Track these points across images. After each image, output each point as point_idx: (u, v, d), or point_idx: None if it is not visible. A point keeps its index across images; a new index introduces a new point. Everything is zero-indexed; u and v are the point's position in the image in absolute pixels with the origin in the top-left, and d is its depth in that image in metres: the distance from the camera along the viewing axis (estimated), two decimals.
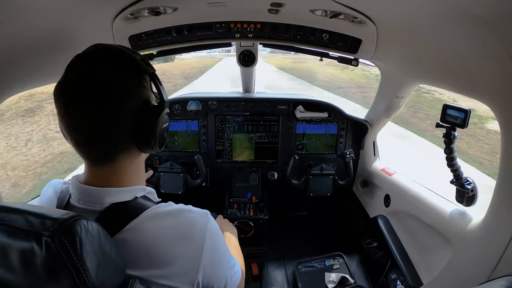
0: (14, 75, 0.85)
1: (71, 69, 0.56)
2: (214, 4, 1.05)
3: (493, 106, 0.77)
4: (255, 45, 1.60)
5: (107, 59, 0.57)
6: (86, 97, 0.53)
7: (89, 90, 0.54)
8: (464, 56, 0.81)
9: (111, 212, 0.56)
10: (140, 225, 0.55)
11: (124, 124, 0.57)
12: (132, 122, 0.58)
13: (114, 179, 0.59)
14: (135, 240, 0.54)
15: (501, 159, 0.78)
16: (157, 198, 0.67)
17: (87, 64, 0.56)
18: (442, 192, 1.24)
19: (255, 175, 1.85)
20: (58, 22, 0.86)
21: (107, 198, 0.57)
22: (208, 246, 0.59)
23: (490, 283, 0.47)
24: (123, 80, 0.57)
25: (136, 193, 0.61)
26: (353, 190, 1.93)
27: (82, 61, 0.57)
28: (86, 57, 0.57)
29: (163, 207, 0.60)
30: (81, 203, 0.58)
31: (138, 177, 0.65)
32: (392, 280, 1.37)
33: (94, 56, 0.57)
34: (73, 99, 0.54)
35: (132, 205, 0.58)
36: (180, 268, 0.55)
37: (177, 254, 0.55)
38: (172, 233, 0.56)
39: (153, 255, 0.54)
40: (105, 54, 0.58)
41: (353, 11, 0.99)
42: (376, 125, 1.71)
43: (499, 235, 0.79)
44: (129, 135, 0.58)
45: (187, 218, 0.60)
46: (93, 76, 0.54)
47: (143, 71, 0.60)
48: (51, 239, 0.40)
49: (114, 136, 0.57)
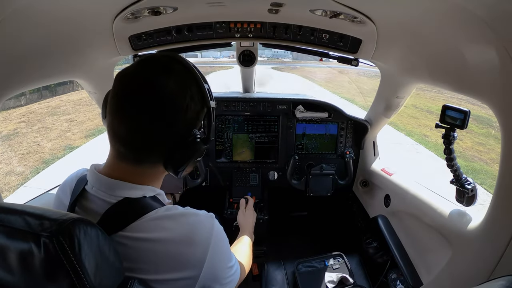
0: (14, 75, 0.85)
1: (141, 66, 0.59)
2: (214, 4, 1.05)
3: (493, 106, 0.77)
4: (255, 45, 1.60)
5: (179, 73, 0.60)
6: (146, 100, 0.55)
7: (152, 95, 0.56)
8: (464, 56, 0.81)
9: (121, 206, 0.57)
10: (145, 225, 0.55)
11: (166, 140, 0.59)
12: (172, 141, 0.59)
13: (131, 177, 0.60)
14: (139, 238, 0.53)
15: (501, 159, 0.78)
16: (166, 200, 0.67)
17: (159, 69, 0.58)
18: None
19: (255, 175, 1.85)
20: (58, 22, 0.86)
21: (118, 191, 0.58)
22: (212, 252, 0.59)
23: (490, 283, 0.47)
24: (185, 101, 0.58)
25: (145, 192, 0.61)
26: (353, 190, 1.93)
27: (154, 65, 0.59)
28: (158, 62, 0.60)
29: (170, 209, 0.60)
30: (94, 190, 0.60)
31: (153, 182, 0.66)
32: (392, 280, 1.37)
33: (167, 65, 0.59)
34: (131, 97, 0.56)
35: (141, 203, 0.59)
36: (182, 274, 0.55)
37: (179, 260, 0.55)
38: (176, 237, 0.56)
39: (155, 258, 0.54)
40: (179, 68, 0.60)
41: (353, 11, 0.99)
42: (376, 125, 1.71)
43: (499, 235, 0.79)
44: (163, 152, 0.60)
45: (193, 222, 0.59)
46: (160, 84, 0.56)
47: (205, 102, 0.63)
48: (50, 240, 0.40)
49: (152, 146, 0.59)
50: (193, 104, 0.60)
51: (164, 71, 0.58)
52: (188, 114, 0.59)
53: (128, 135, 0.57)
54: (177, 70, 0.60)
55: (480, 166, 6.01)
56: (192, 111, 0.60)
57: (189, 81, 0.60)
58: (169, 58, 0.61)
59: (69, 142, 7.08)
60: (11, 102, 9.15)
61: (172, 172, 0.63)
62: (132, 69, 0.59)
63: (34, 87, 1.01)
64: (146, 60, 0.60)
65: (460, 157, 6.07)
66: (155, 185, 0.66)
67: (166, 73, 0.58)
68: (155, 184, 0.66)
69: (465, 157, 6.45)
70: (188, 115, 0.60)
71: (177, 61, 0.61)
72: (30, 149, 6.57)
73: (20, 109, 9.21)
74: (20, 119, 8.46)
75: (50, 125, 8.14)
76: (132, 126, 0.56)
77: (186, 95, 0.59)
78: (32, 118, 8.63)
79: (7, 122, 8.12)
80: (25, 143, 6.88)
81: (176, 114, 0.58)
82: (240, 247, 1.05)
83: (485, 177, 5.42)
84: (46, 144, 6.90)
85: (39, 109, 9.50)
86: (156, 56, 0.63)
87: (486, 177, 5.41)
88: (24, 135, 7.36)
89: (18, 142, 6.89)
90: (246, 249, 1.05)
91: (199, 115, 0.63)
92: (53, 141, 7.05)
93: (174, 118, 0.58)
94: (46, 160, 6.07)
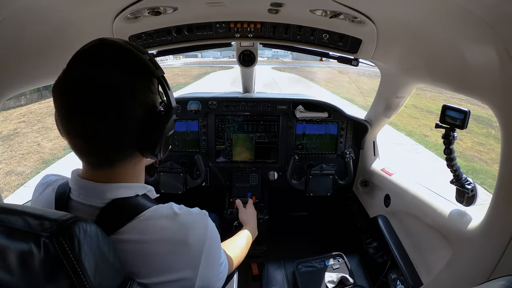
0: (14, 75, 0.85)
1: (72, 66, 0.52)
2: (214, 4, 1.05)
3: (493, 106, 0.77)
4: (255, 45, 1.60)
5: (113, 58, 0.53)
6: (86, 101, 0.49)
7: (91, 93, 0.49)
8: (464, 56, 0.81)
9: (112, 208, 0.55)
10: (140, 225, 0.54)
11: (127, 131, 0.54)
12: (136, 129, 0.55)
13: (113, 179, 0.58)
14: (134, 240, 0.53)
15: (501, 159, 0.78)
16: (155, 195, 0.66)
17: (90, 63, 0.51)
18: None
19: (255, 175, 1.85)
20: (58, 22, 0.86)
21: (107, 194, 0.56)
22: (206, 252, 0.59)
23: (490, 283, 0.47)
24: (129, 85, 0.52)
25: (137, 190, 0.60)
26: (353, 190, 1.93)
27: (85, 58, 0.52)
28: (89, 55, 0.52)
29: (164, 208, 0.59)
30: (81, 197, 0.57)
31: (138, 178, 0.64)
32: (392, 280, 1.37)
33: (98, 54, 0.53)
34: (72, 101, 0.50)
35: (133, 203, 0.57)
36: (179, 275, 0.55)
37: (175, 261, 0.55)
38: (171, 237, 0.55)
39: (151, 259, 0.53)
40: (110, 52, 0.53)
41: (353, 11, 0.99)
42: (376, 125, 1.71)
43: (499, 235, 0.79)
44: (133, 142, 0.56)
45: (187, 221, 0.59)
46: (95, 77, 0.50)
47: (151, 74, 0.56)
48: (50, 240, 0.40)
49: (116, 143, 0.54)
50: (139, 81, 0.54)
51: (95, 61, 0.52)
52: (138, 95, 0.54)
53: (87, 145, 0.53)
54: (109, 54, 0.53)
55: (480, 166, 6.00)
56: (142, 89, 0.55)
57: (125, 61, 0.53)
58: (95, 45, 0.54)
59: None
60: (11, 102, 9.16)
61: (151, 155, 0.59)
62: (62, 75, 0.51)
63: (34, 87, 1.01)
64: (76, 57, 0.53)
65: (460, 157, 6.07)
66: (141, 179, 0.64)
67: (95, 63, 0.51)
68: (141, 178, 0.64)
69: (465, 157, 6.45)
70: (139, 96, 0.54)
71: (105, 44, 0.54)
72: (30, 149, 6.57)
73: (20, 109, 9.21)
74: (20, 119, 8.46)
75: (50, 125, 8.12)
76: (87, 134, 0.51)
77: (127, 76, 0.52)
78: (32, 118, 8.63)
79: (7, 122, 8.13)
80: (25, 143, 6.89)
81: (125, 100, 0.51)
82: (235, 240, 1.05)
83: (485, 177, 5.42)
84: (46, 144, 6.90)
85: (39, 109, 9.49)
86: (81, 50, 0.54)
87: (486, 177, 5.41)
88: (24, 135, 7.36)
89: (18, 142, 6.89)
90: (241, 243, 1.05)
91: (152, 89, 0.57)
92: (53, 141, 7.04)
93: (125, 106, 0.52)
94: (46, 160, 6.07)
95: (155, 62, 0.58)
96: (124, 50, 0.54)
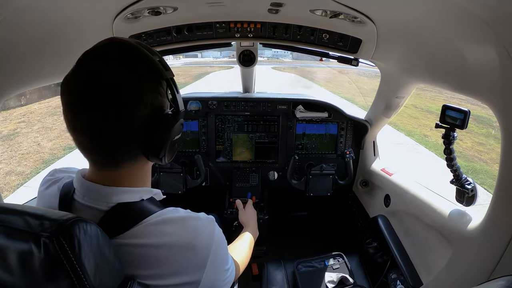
0: (14, 75, 0.85)
1: (81, 65, 0.52)
2: (214, 4, 1.05)
3: (493, 106, 0.77)
4: (255, 45, 1.60)
5: (122, 58, 0.52)
6: (93, 100, 0.49)
7: (97, 92, 0.49)
8: (464, 56, 0.81)
9: (116, 212, 0.55)
10: (146, 230, 0.54)
11: (132, 132, 0.53)
12: (141, 130, 0.54)
13: (119, 181, 0.57)
14: (140, 244, 0.53)
15: (501, 159, 0.78)
16: (161, 197, 0.66)
17: (99, 62, 0.51)
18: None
19: (255, 175, 1.85)
20: (58, 22, 0.86)
21: (113, 197, 0.56)
22: (212, 257, 0.58)
23: (490, 283, 0.47)
24: (136, 85, 0.52)
25: (142, 194, 0.59)
26: (353, 190, 1.93)
27: (93, 57, 0.52)
28: (98, 54, 0.53)
29: (170, 213, 0.58)
30: (85, 199, 0.56)
31: (144, 181, 0.63)
32: (392, 280, 1.37)
33: (107, 54, 0.53)
34: (79, 100, 0.50)
35: (138, 207, 0.57)
36: (183, 279, 0.54)
37: (181, 265, 0.54)
38: (177, 242, 0.55)
39: (156, 263, 0.53)
40: (120, 52, 0.53)
41: (353, 11, 0.99)
42: (376, 125, 1.71)
43: (499, 235, 0.79)
44: (138, 143, 0.55)
45: (194, 226, 0.58)
46: (102, 77, 0.50)
47: (160, 76, 0.56)
48: (50, 240, 0.39)
49: (121, 143, 0.54)
50: (146, 82, 0.54)
51: (103, 60, 0.52)
52: (144, 96, 0.53)
53: (92, 143, 0.53)
54: (117, 54, 0.53)
55: (480, 166, 6.00)
56: (149, 91, 0.54)
57: (133, 61, 0.53)
58: (105, 45, 0.54)
59: (69, 142, 7.06)
60: (11, 102, 9.15)
61: (155, 158, 0.58)
62: (71, 72, 0.52)
63: (34, 87, 1.00)
64: (85, 55, 0.53)
65: (460, 157, 6.07)
66: (148, 183, 0.64)
67: (104, 62, 0.51)
68: (146, 183, 0.64)
69: (465, 157, 6.45)
70: (145, 97, 0.53)
71: (115, 44, 0.54)
72: (30, 149, 6.56)
73: (20, 109, 9.20)
74: (20, 119, 8.45)
75: (50, 125, 8.12)
76: (92, 132, 0.51)
77: (133, 76, 0.52)
78: (32, 118, 8.62)
79: (7, 122, 8.12)
80: (25, 143, 6.88)
81: (130, 100, 0.51)
82: (239, 245, 1.05)
83: (485, 177, 5.41)
84: (46, 144, 6.89)
85: (39, 109, 9.48)
86: (90, 49, 0.54)
87: (486, 177, 5.41)
88: (24, 135, 7.35)
89: (18, 142, 6.88)
90: (245, 247, 1.05)
91: (160, 91, 0.57)
92: (53, 141, 7.04)
93: (130, 106, 0.51)
94: (46, 160, 6.06)
95: (165, 64, 0.57)
96: (133, 50, 0.54)
